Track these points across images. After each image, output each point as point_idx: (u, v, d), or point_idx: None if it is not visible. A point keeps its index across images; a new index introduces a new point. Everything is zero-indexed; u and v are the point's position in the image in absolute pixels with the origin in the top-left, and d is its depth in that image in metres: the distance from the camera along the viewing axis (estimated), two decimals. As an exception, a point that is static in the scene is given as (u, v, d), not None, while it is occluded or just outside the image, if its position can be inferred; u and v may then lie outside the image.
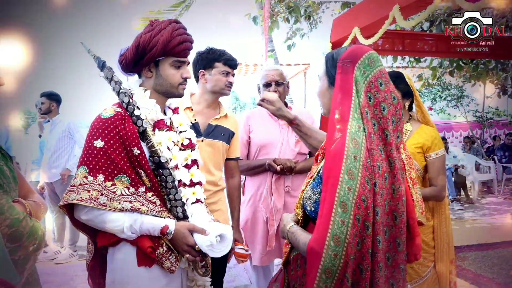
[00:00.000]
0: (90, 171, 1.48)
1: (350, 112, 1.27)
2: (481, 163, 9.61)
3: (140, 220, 1.50)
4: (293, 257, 1.48)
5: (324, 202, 1.20)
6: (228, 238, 1.60)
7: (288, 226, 1.44)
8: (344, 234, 1.14)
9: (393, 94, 1.33)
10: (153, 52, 1.59)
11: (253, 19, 7.71)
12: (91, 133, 1.53)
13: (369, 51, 1.35)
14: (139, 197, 1.52)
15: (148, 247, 1.52)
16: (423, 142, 2.40)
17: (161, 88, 1.67)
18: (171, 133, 1.69)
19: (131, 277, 1.54)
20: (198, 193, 1.74)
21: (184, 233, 1.54)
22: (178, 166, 1.68)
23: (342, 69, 1.33)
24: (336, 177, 1.18)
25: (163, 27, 1.60)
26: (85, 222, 1.52)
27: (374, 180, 1.23)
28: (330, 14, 8.12)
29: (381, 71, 1.33)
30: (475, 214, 7.16)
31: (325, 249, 1.14)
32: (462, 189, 8.49)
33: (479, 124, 13.39)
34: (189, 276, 1.70)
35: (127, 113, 1.57)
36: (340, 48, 1.43)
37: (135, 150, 1.52)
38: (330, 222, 1.15)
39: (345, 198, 1.16)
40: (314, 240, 1.18)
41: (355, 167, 1.19)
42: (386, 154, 1.29)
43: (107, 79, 1.61)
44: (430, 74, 7.45)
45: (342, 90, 1.31)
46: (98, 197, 1.45)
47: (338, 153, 1.21)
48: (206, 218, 1.69)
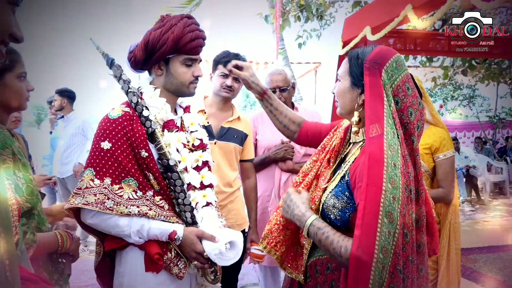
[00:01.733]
0: (97, 173, 1.44)
1: (384, 117, 1.21)
2: (493, 164, 9.49)
3: (147, 225, 1.46)
4: (310, 264, 1.43)
5: (365, 210, 1.11)
6: (238, 246, 1.55)
7: (309, 219, 1.29)
8: (390, 245, 1.09)
9: (419, 100, 1.29)
10: (163, 50, 1.52)
11: (264, 18, 7.70)
12: (98, 134, 1.49)
13: (396, 54, 1.30)
14: (146, 201, 1.47)
15: (155, 254, 1.47)
16: (431, 143, 2.38)
17: (172, 86, 1.61)
18: (181, 133, 1.63)
19: (139, 281, 1.50)
20: (209, 196, 1.67)
21: (193, 240, 1.50)
22: (187, 169, 1.62)
23: (370, 71, 1.27)
24: (379, 186, 1.12)
25: (174, 23, 1.53)
26: (92, 226, 1.49)
27: (410, 187, 1.19)
28: (342, 13, 8.08)
29: (408, 75, 1.29)
30: (487, 216, 7.09)
31: (374, 261, 1.07)
32: (474, 190, 8.40)
33: (491, 124, 13.23)
34: (198, 281, 1.66)
35: (135, 112, 1.52)
36: (364, 48, 1.36)
37: (143, 152, 1.48)
38: (377, 233, 1.08)
39: (391, 208, 1.10)
40: (360, 250, 1.08)
41: (396, 175, 1.14)
42: (412, 160, 1.26)
43: (116, 77, 1.57)
44: (442, 73, 7.38)
45: (373, 93, 1.25)
46: (105, 201, 1.41)
47: (378, 160, 1.15)
48: (216, 223, 1.64)
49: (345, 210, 1.27)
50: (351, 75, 1.34)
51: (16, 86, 1.44)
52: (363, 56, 1.31)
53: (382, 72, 1.25)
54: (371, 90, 1.25)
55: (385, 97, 1.23)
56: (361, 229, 1.10)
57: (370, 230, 1.09)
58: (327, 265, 1.37)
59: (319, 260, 1.40)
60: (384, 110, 1.22)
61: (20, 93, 1.47)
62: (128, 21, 41.84)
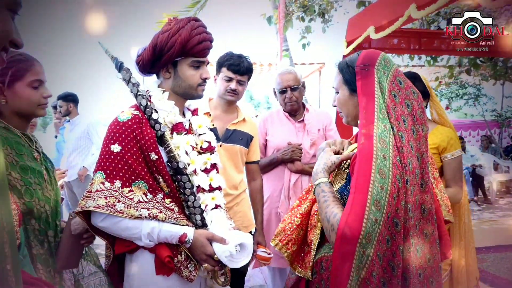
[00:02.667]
0: (107, 176, 1.44)
1: (375, 114, 1.28)
2: (500, 163, 9.43)
3: (158, 227, 1.46)
4: (316, 260, 1.46)
5: (354, 198, 1.19)
6: (248, 248, 1.55)
7: (319, 179, 1.38)
8: (375, 232, 1.15)
9: (413, 89, 1.37)
10: (171, 53, 1.53)
11: (267, 19, 7.71)
12: (108, 137, 1.49)
13: (381, 53, 1.39)
14: (157, 203, 1.47)
15: (166, 257, 1.47)
16: (438, 143, 2.36)
17: (180, 89, 1.62)
18: (190, 136, 1.63)
19: (149, 284, 1.50)
20: (218, 198, 1.68)
21: (203, 242, 1.50)
22: (196, 171, 1.63)
23: (361, 75, 1.36)
24: (367, 176, 1.19)
25: (182, 25, 1.53)
26: (102, 229, 1.48)
27: (406, 177, 1.24)
28: (345, 13, 8.07)
29: (397, 69, 1.38)
30: (494, 215, 7.04)
31: (357, 246, 1.15)
32: (480, 189, 8.35)
33: (497, 123, 13.15)
34: (208, 284, 1.66)
35: (144, 115, 1.52)
36: (351, 56, 1.44)
37: (152, 155, 1.48)
38: (364, 220, 1.15)
39: (378, 196, 1.17)
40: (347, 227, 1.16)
41: (386, 166, 1.21)
42: (415, 149, 1.30)
43: (125, 81, 1.56)
44: (447, 72, 7.36)
45: (366, 94, 1.33)
46: (115, 204, 1.41)
47: (367, 153, 1.22)
48: (225, 225, 1.63)
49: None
50: (347, 84, 1.43)
51: (27, 95, 1.51)
52: (353, 63, 1.40)
53: (374, 71, 1.34)
54: (362, 90, 1.34)
55: (377, 94, 1.31)
56: (349, 211, 1.18)
57: (359, 217, 1.16)
58: (330, 262, 1.39)
59: (324, 257, 1.43)
60: (374, 105, 1.30)
61: (32, 101, 1.53)
62: (131, 25, 41.94)
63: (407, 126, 1.31)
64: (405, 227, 1.22)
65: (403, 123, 1.30)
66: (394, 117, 1.29)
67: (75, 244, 1.58)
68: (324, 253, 1.44)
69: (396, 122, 1.29)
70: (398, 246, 1.21)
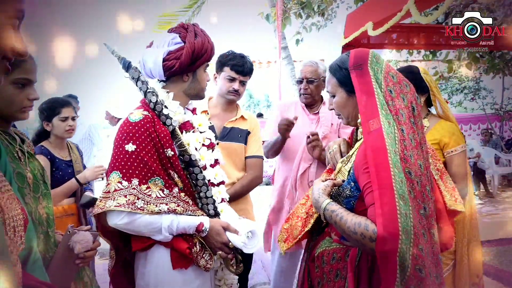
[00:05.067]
0: (123, 175, 1.47)
1: (378, 110, 1.30)
2: (501, 156, 9.43)
3: (176, 220, 1.52)
4: (318, 254, 1.49)
5: (381, 196, 1.18)
6: (257, 234, 1.63)
7: (323, 204, 1.39)
8: (409, 226, 1.15)
9: (405, 82, 1.39)
10: (204, 58, 1.62)
11: (266, 17, 7.70)
12: (121, 138, 1.51)
13: (370, 50, 1.43)
14: (173, 198, 1.52)
15: (186, 248, 1.53)
16: (440, 138, 2.33)
17: (193, 91, 1.69)
18: (197, 134, 1.71)
19: (165, 281, 1.54)
20: (223, 192, 1.76)
21: (219, 230, 1.57)
22: (206, 166, 1.70)
23: (356, 74, 1.38)
24: (388, 171, 1.20)
25: (202, 32, 1.63)
26: (120, 227, 1.50)
27: (410, 170, 1.25)
28: (344, 8, 8.06)
29: (387, 65, 1.41)
30: (495, 209, 7.04)
31: (400, 244, 1.13)
32: (482, 183, 8.35)
33: (498, 116, 13.12)
34: (218, 275, 1.72)
35: (155, 115, 1.56)
36: (340, 58, 1.48)
37: (168, 151, 1.53)
38: (398, 216, 1.15)
39: (401, 191, 1.18)
40: (387, 226, 1.14)
41: (398, 161, 1.23)
42: (416, 141, 1.32)
43: (134, 79, 1.61)
44: (446, 67, 7.33)
45: (364, 93, 1.35)
46: (135, 201, 1.44)
47: (381, 149, 1.24)
48: (235, 215, 1.73)
49: (350, 199, 1.37)
50: (343, 85, 1.45)
51: (7, 93, 1.31)
52: (344, 65, 1.43)
53: (368, 69, 1.36)
54: (360, 89, 1.36)
55: (376, 91, 1.33)
56: (382, 216, 1.16)
57: (392, 213, 1.15)
58: (332, 255, 1.44)
59: (325, 250, 1.47)
60: (377, 102, 1.31)
61: (13, 102, 1.33)
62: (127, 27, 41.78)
63: (405, 120, 1.33)
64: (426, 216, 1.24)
65: (401, 116, 1.32)
66: (394, 112, 1.32)
67: (69, 263, 1.40)
68: (325, 247, 1.48)
69: (395, 116, 1.31)
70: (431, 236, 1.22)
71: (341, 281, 1.38)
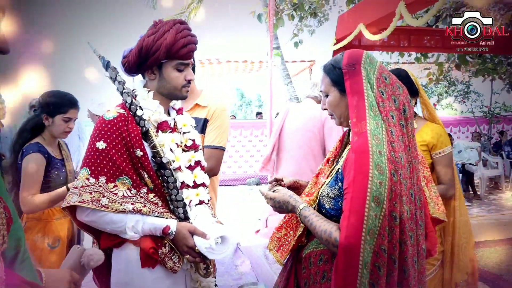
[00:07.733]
0: (92, 172, 1.48)
1: (366, 111, 1.31)
2: (489, 159, 9.52)
3: (141, 220, 1.51)
4: (305, 256, 1.49)
5: (353, 198, 1.22)
6: (230, 240, 1.59)
7: (299, 207, 1.41)
8: (376, 227, 1.19)
9: (398, 84, 1.40)
10: (156, 56, 1.57)
11: (257, 17, 7.70)
12: (94, 135, 1.53)
13: (364, 51, 1.43)
14: (140, 198, 1.52)
15: (150, 248, 1.52)
16: (428, 140, 2.38)
17: (164, 90, 1.66)
18: (175, 134, 1.69)
19: (135, 278, 1.54)
20: (202, 194, 1.72)
21: (185, 234, 1.54)
22: (181, 168, 1.66)
23: (349, 74, 1.39)
24: (366, 173, 1.22)
25: (167, 29, 1.58)
26: (88, 223, 1.53)
27: (399, 171, 1.27)
28: (335, 10, 8.09)
29: (381, 66, 1.42)
30: (483, 210, 7.11)
31: (362, 244, 1.17)
32: (470, 185, 8.43)
33: (486, 119, 13.29)
34: (193, 277, 1.70)
35: (130, 114, 1.57)
36: (335, 58, 1.48)
37: (137, 151, 1.52)
38: (365, 217, 1.18)
39: (377, 192, 1.20)
40: (348, 236, 1.19)
41: (382, 161, 1.24)
42: (404, 144, 1.34)
43: (111, 79, 1.63)
44: (437, 69, 7.39)
45: (355, 93, 1.36)
46: (100, 199, 1.45)
47: (364, 150, 1.25)
48: (209, 220, 1.69)
49: (337, 199, 1.38)
50: (336, 85, 1.45)
51: None
52: (338, 64, 1.43)
53: (361, 70, 1.37)
54: (351, 89, 1.37)
55: (366, 92, 1.34)
56: (349, 215, 1.21)
57: (359, 214, 1.19)
58: (320, 256, 1.44)
59: (313, 252, 1.47)
60: (365, 103, 1.32)
61: None
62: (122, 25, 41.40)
63: (395, 122, 1.34)
64: (401, 220, 1.25)
65: (391, 118, 1.33)
66: (383, 113, 1.32)
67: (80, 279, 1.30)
68: (313, 249, 1.48)
69: (385, 118, 1.32)
70: (397, 239, 1.24)
71: (327, 283, 1.37)
